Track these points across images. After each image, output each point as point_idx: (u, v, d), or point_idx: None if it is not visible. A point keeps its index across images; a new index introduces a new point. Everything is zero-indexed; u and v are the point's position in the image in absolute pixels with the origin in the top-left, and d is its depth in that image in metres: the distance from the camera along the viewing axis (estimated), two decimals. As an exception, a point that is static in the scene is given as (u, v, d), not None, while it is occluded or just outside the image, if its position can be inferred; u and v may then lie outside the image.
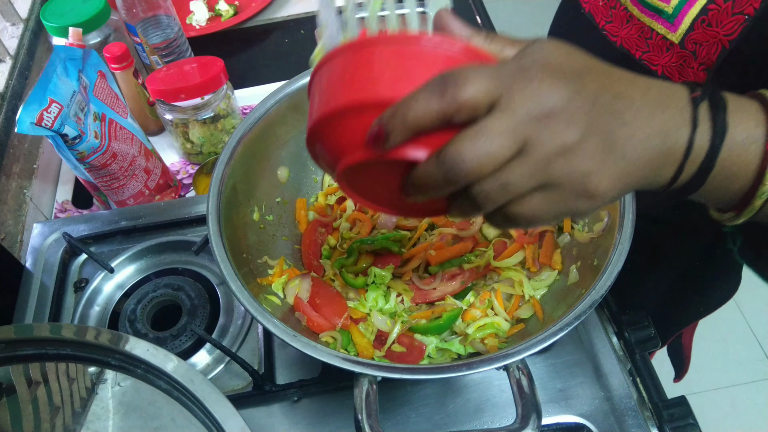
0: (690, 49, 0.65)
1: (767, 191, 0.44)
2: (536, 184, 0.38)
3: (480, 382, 0.72)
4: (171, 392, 0.54)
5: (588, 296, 0.57)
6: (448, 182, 0.38)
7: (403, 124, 0.37)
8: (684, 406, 0.68)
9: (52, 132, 0.77)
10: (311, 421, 0.71)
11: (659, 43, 0.68)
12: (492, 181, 0.37)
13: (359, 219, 0.78)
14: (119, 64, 0.99)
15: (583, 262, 0.67)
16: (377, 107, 0.39)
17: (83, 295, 0.83)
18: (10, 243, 0.93)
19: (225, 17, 1.34)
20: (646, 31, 0.69)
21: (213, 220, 0.65)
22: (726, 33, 0.60)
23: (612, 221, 0.65)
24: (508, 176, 0.37)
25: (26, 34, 1.14)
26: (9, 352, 0.56)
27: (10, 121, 0.98)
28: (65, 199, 1.05)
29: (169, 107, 0.99)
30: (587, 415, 0.68)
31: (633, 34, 0.71)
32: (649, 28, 0.69)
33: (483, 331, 0.67)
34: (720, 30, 0.61)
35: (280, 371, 0.75)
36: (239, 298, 0.60)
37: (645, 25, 0.69)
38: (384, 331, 0.68)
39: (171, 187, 1.01)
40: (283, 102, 0.76)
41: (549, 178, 0.38)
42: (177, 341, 0.76)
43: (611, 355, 0.73)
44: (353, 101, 0.40)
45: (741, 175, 0.44)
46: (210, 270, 0.85)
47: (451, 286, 0.71)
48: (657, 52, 0.69)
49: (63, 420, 0.55)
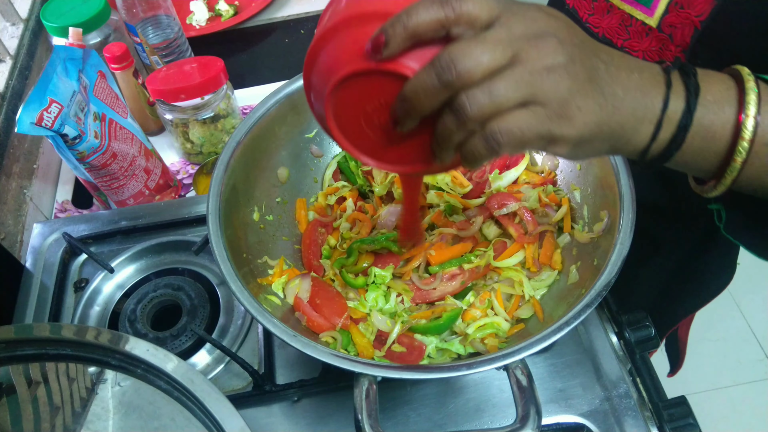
0: (666, 32, 0.67)
1: (746, 147, 0.45)
2: (521, 98, 0.39)
3: (480, 382, 0.72)
4: (171, 392, 0.54)
5: (588, 296, 0.57)
6: (440, 86, 0.39)
7: (404, 30, 0.39)
8: (684, 406, 0.68)
9: (52, 132, 0.77)
10: (311, 421, 0.71)
11: (639, 29, 0.70)
12: (480, 88, 0.39)
13: (359, 219, 0.78)
14: (119, 64, 0.99)
15: (583, 262, 0.67)
16: (378, 18, 0.40)
17: (83, 295, 0.83)
18: (10, 243, 0.93)
19: (225, 17, 1.34)
20: (626, 19, 0.71)
21: (213, 220, 0.65)
22: (697, 14, 0.63)
23: (612, 221, 0.65)
24: (497, 85, 0.39)
25: (26, 34, 1.14)
26: (9, 352, 0.56)
27: (10, 121, 0.98)
28: (65, 199, 1.05)
29: (169, 107, 0.99)
30: (587, 415, 0.68)
31: (614, 24, 0.73)
32: (628, 16, 0.71)
33: (483, 331, 0.67)
34: (692, 11, 0.63)
35: (280, 371, 0.75)
36: (239, 298, 0.60)
37: (625, 13, 0.71)
38: (384, 331, 0.68)
39: (171, 187, 1.01)
40: (283, 102, 0.76)
41: (533, 92, 0.40)
42: (177, 341, 0.76)
43: (611, 355, 0.73)
44: (356, 11, 0.42)
45: (718, 134, 0.46)
46: (210, 270, 0.85)
47: (451, 286, 0.71)
48: (637, 38, 0.71)
49: (63, 420, 0.55)
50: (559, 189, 0.76)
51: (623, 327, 0.73)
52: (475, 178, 0.80)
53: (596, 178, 0.71)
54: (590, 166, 0.72)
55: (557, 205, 0.75)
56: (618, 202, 0.63)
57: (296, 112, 0.78)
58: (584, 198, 0.73)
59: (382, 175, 0.81)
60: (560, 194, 0.76)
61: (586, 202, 0.72)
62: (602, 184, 0.69)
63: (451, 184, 0.79)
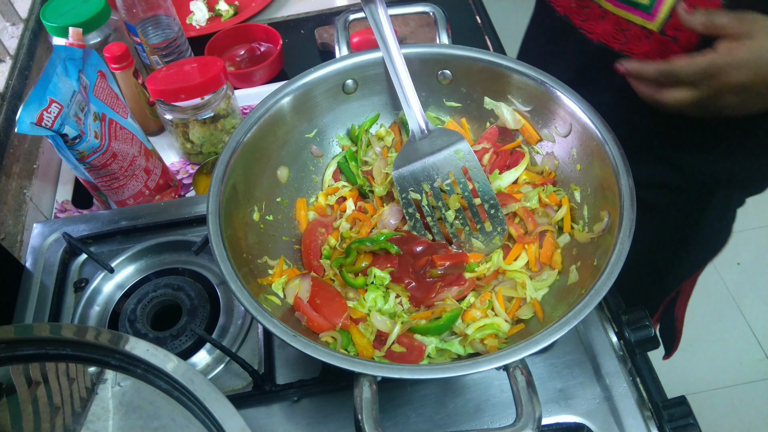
0: (670, 34, 0.69)
1: None
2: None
3: (480, 382, 0.72)
4: (171, 392, 0.54)
5: (588, 296, 0.57)
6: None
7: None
8: (684, 406, 0.68)
9: (52, 132, 0.77)
10: (311, 421, 0.71)
11: (637, 33, 0.71)
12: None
13: (359, 219, 0.78)
14: (119, 64, 0.99)
15: (583, 262, 0.67)
16: None
17: (83, 295, 0.83)
18: (10, 243, 0.93)
19: (225, 17, 1.34)
20: (622, 24, 0.72)
21: (213, 220, 0.65)
22: None
23: (612, 221, 0.65)
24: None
25: (26, 34, 1.14)
26: (9, 352, 0.56)
27: (10, 121, 0.98)
28: (65, 199, 1.05)
29: (169, 107, 0.99)
30: (587, 415, 0.68)
31: (609, 29, 0.73)
32: (625, 20, 0.72)
33: (483, 331, 0.67)
34: None
35: (280, 371, 0.75)
36: (239, 298, 0.60)
37: (621, 18, 0.72)
38: (384, 331, 0.68)
39: (171, 187, 1.01)
40: (283, 102, 0.76)
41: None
42: (177, 341, 0.76)
43: (611, 355, 0.73)
44: None
45: None
46: (210, 270, 0.85)
47: (449, 294, 0.71)
48: (636, 41, 0.71)
49: (63, 420, 0.55)
50: (559, 189, 0.76)
51: (623, 327, 0.73)
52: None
53: (596, 178, 0.71)
54: (590, 166, 0.72)
55: (557, 205, 0.75)
56: (618, 202, 0.63)
57: (296, 112, 0.78)
58: (584, 198, 0.73)
59: (382, 175, 0.81)
60: (560, 194, 0.76)
61: (586, 202, 0.72)
62: (602, 184, 0.69)
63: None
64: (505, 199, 0.76)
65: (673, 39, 0.68)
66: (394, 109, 0.84)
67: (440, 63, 0.79)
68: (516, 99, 0.78)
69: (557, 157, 0.77)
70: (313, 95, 0.79)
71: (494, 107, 0.80)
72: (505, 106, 0.79)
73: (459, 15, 1.28)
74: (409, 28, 1.21)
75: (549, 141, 0.78)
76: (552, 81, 0.73)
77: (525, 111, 0.78)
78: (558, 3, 0.84)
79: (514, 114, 0.79)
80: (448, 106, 0.83)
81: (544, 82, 0.74)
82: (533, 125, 0.78)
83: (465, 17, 1.28)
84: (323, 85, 0.78)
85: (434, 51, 0.79)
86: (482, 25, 1.25)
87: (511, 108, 0.79)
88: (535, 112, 0.77)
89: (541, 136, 0.78)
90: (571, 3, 0.79)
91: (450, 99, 0.83)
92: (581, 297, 0.58)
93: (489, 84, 0.79)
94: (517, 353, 0.54)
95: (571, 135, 0.74)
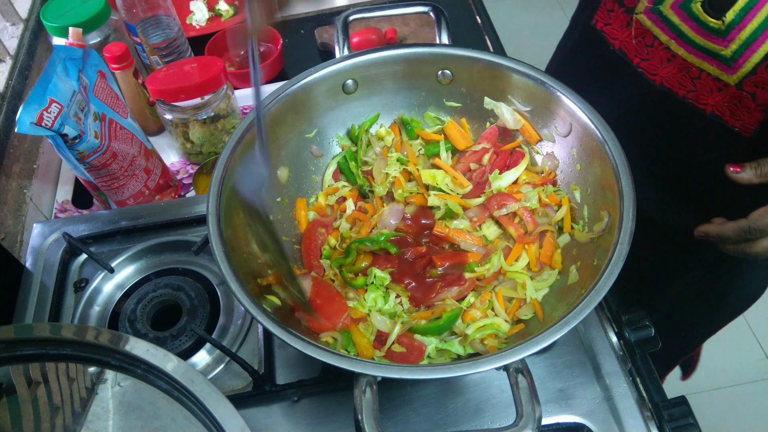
0: (749, 91, 0.65)
1: None
2: None
3: (480, 382, 0.72)
4: (171, 392, 0.54)
5: (588, 296, 0.57)
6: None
7: None
8: (684, 406, 0.68)
9: (52, 132, 0.77)
10: (311, 421, 0.71)
11: (710, 83, 0.68)
12: None
13: (359, 219, 0.78)
14: (119, 64, 0.99)
15: (583, 262, 0.67)
16: None
17: (83, 295, 0.83)
18: (10, 243, 0.93)
19: (225, 17, 1.34)
20: (693, 71, 0.69)
21: (213, 220, 0.65)
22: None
23: (612, 221, 0.65)
24: None
25: (26, 34, 1.14)
26: (9, 352, 0.56)
27: (10, 121, 0.98)
28: (65, 199, 1.05)
29: (169, 107, 0.99)
30: (587, 415, 0.68)
31: (675, 73, 0.70)
32: (696, 68, 0.68)
33: (483, 331, 0.67)
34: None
35: (280, 371, 0.75)
36: (239, 298, 0.60)
37: (692, 66, 0.68)
38: (384, 331, 0.68)
39: (171, 187, 1.01)
40: (283, 102, 0.76)
41: None
42: (177, 341, 0.76)
43: (611, 355, 0.73)
44: None
45: None
46: (210, 270, 0.85)
47: (449, 294, 0.71)
48: (705, 91, 0.68)
49: (63, 420, 0.55)
50: (559, 189, 0.76)
51: (623, 327, 0.73)
52: (475, 179, 0.80)
53: (596, 178, 0.71)
54: (590, 166, 0.72)
55: (557, 205, 0.75)
56: (618, 202, 0.63)
57: (296, 112, 0.78)
58: (584, 198, 0.73)
59: (382, 175, 0.81)
60: (560, 194, 0.76)
61: (586, 202, 0.72)
62: (602, 184, 0.69)
63: (451, 184, 0.79)
64: (505, 199, 0.76)
65: (751, 96, 0.65)
66: (394, 109, 0.84)
67: (440, 63, 0.79)
68: (516, 99, 0.78)
69: (557, 157, 0.77)
70: (313, 95, 0.79)
71: (494, 107, 0.80)
72: (505, 106, 0.79)
73: (459, 15, 1.28)
74: (409, 28, 1.21)
75: (549, 141, 0.78)
76: (552, 81, 0.73)
77: (525, 111, 0.78)
78: (614, 36, 0.79)
79: (514, 114, 0.79)
80: (448, 106, 0.83)
81: (544, 82, 0.74)
82: (533, 125, 0.78)
83: (465, 17, 1.28)
84: (323, 85, 0.78)
85: (434, 51, 0.79)
86: (482, 25, 1.25)
87: (511, 108, 0.79)
88: (535, 112, 0.77)
89: (541, 136, 0.78)
90: (632, 39, 0.75)
91: (450, 99, 0.83)
92: (581, 297, 0.58)
93: (489, 84, 0.79)
94: (517, 353, 0.54)
95: (571, 135, 0.74)
